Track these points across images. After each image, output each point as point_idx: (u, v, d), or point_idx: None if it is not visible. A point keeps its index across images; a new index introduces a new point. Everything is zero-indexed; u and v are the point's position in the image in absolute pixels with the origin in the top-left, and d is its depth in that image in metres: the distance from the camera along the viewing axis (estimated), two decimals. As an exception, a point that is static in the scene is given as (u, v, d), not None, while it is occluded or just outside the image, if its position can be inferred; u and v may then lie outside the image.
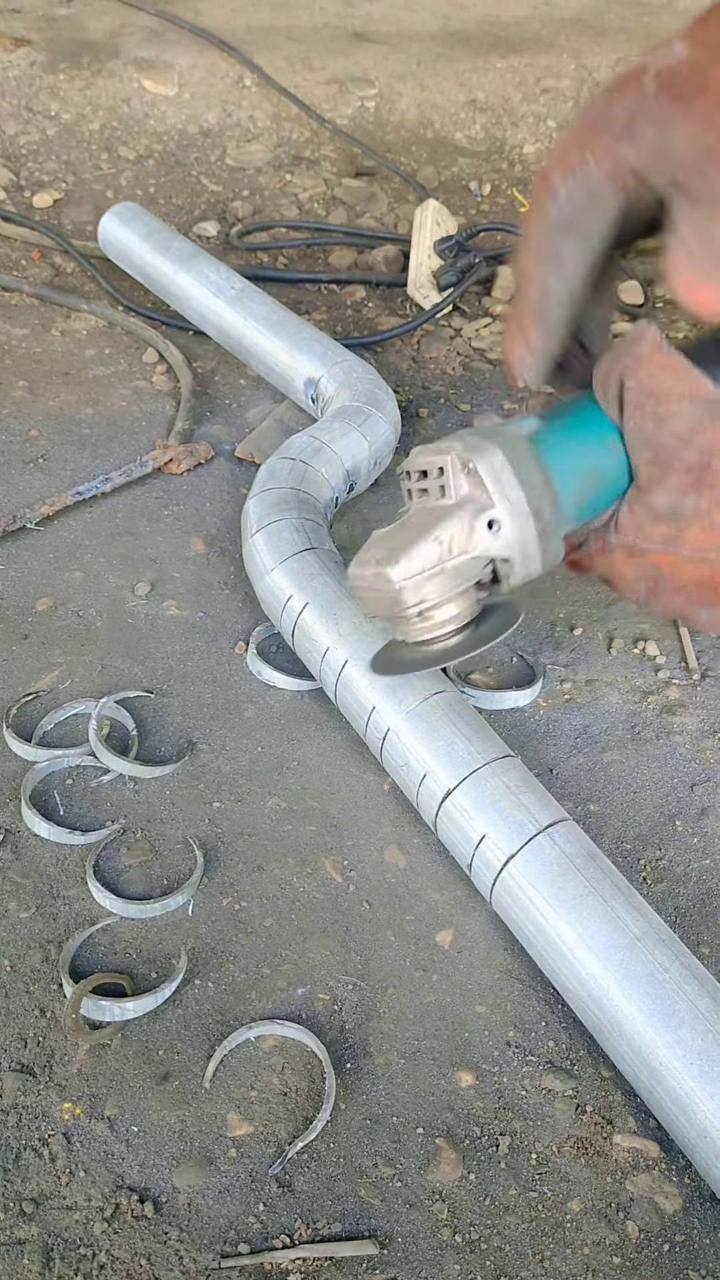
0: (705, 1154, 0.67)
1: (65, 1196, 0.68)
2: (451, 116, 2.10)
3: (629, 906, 0.76)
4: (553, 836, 0.79)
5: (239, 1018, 0.77)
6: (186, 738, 0.96)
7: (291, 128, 2.03)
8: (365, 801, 0.93)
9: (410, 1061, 0.76)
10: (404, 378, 1.48)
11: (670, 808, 0.94)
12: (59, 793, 0.90)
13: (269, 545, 1.02)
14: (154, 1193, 0.68)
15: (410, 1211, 0.69)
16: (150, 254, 1.50)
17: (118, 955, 0.80)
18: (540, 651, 1.07)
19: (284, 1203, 0.69)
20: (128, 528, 1.17)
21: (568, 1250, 0.68)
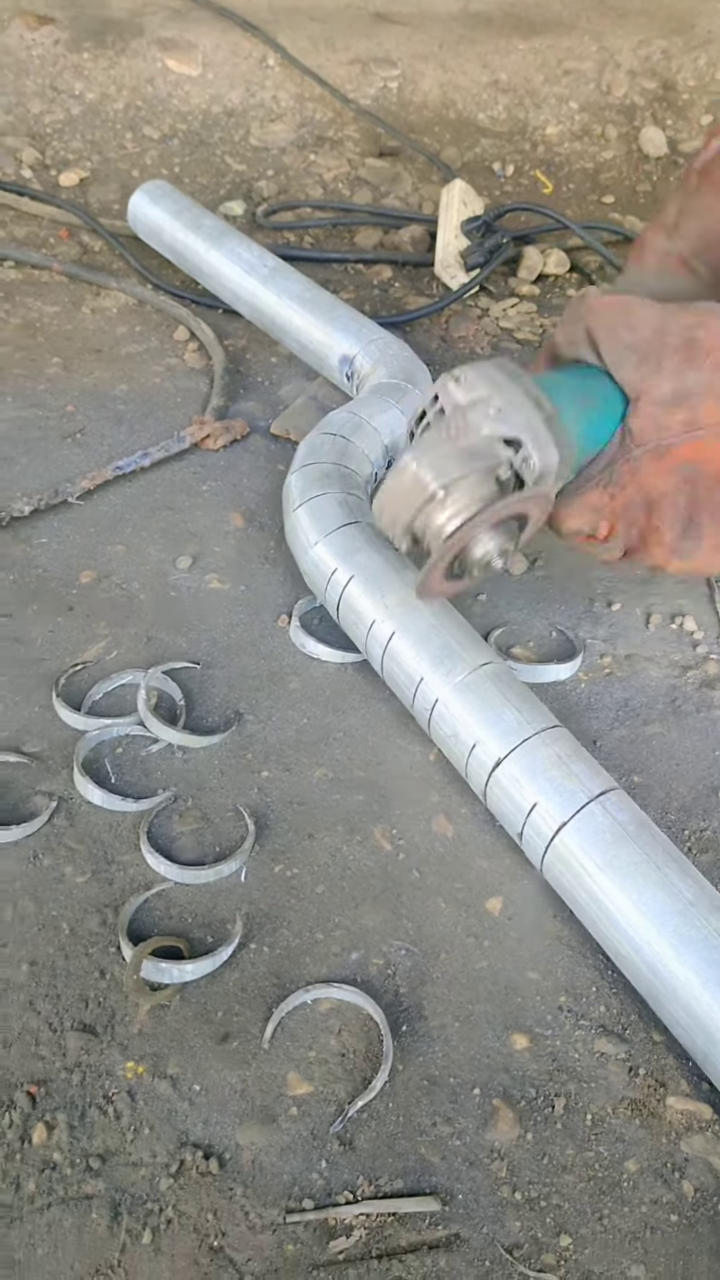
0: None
1: (131, 1153, 0.69)
2: (474, 97, 2.10)
3: (682, 873, 0.77)
4: (605, 805, 0.80)
5: (295, 981, 0.78)
6: (233, 708, 0.97)
7: (315, 108, 2.02)
8: (412, 771, 0.93)
9: (465, 1025, 0.77)
10: (433, 357, 1.49)
11: (713, 779, 0.95)
12: (110, 761, 0.91)
13: (312, 519, 1.03)
14: (218, 1149, 0.69)
15: (470, 1169, 0.70)
16: (181, 231, 1.50)
17: (173, 920, 0.81)
18: (579, 626, 1.08)
19: (346, 1160, 0.70)
20: (167, 502, 1.18)
21: (625, 1208, 0.69)
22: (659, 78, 2.16)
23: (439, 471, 0.76)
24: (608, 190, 2.00)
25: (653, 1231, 0.68)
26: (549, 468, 0.77)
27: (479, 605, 1.09)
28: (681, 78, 2.17)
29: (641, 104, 2.14)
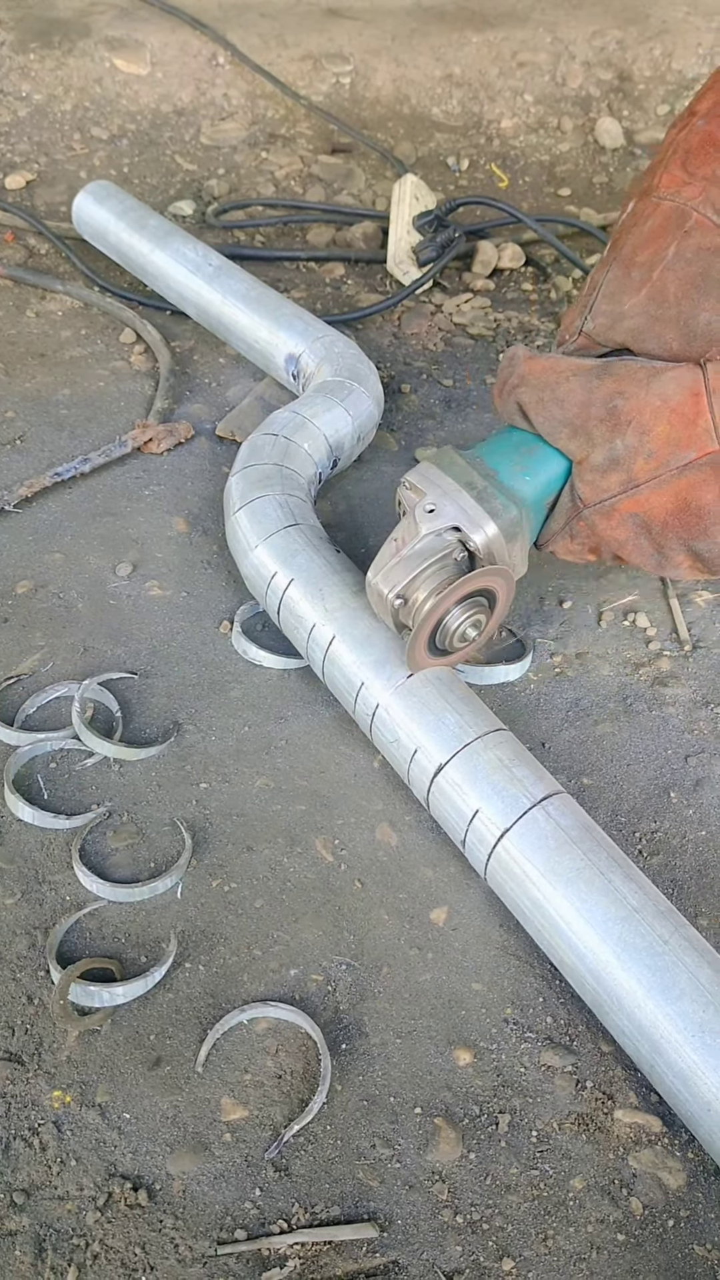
0: (709, 1127, 0.66)
1: (57, 1186, 0.66)
2: (428, 92, 2.08)
3: (626, 879, 0.75)
4: (548, 810, 0.78)
5: (231, 1000, 0.76)
6: (172, 719, 0.94)
7: (266, 105, 2.00)
8: (355, 779, 0.91)
9: (407, 1041, 0.75)
10: (386, 354, 1.46)
11: (665, 779, 0.92)
12: (43, 777, 0.88)
13: (252, 522, 1.00)
14: (147, 1180, 0.67)
15: (410, 1193, 0.67)
16: (126, 232, 1.47)
17: (106, 940, 0.79)
18: (529, 625, 1.06)
19: (281, 1187, 0.67)
20: (108, 508, 1.15)
21: (571, 1228, 0.67)
22: (614, 68, 2.15)
23: (392, 583, 0.82)
24: (564, 183, 1.98)
25: (599, 1251, 0.66)
26: (490, 541, 0.83)
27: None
28: (637, 68, 2.15)
29: (597, 95, 2.12)
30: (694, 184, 0.88)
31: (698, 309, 0.85)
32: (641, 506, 0.84)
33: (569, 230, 1.75)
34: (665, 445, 0.82)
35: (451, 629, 0.84)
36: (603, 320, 0.89)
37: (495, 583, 0.85)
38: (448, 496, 0.83)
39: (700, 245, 0.87)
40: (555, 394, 0.85)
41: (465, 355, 1.48)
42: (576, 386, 0.85)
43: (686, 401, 0.81)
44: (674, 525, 0.85)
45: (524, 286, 1.69)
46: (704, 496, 0.83)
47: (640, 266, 0.88)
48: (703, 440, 0.80)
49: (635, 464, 0.83)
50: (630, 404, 0.82)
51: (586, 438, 0.84)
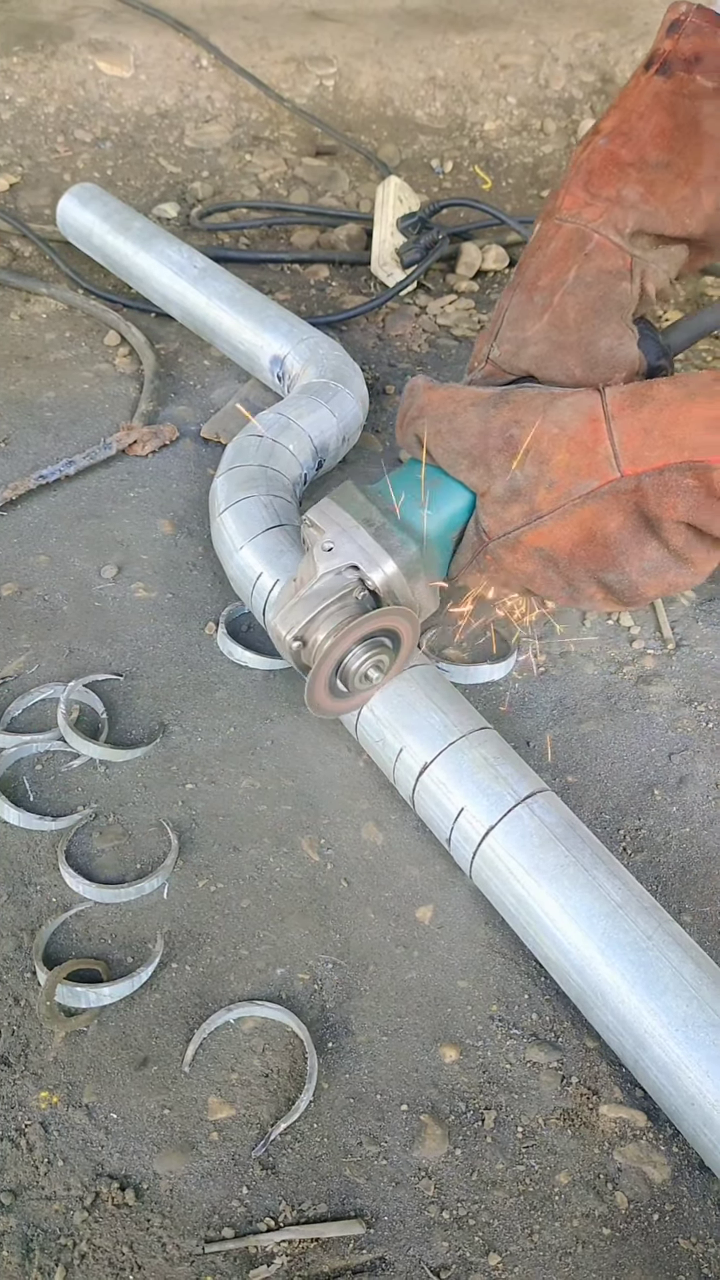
0: (693, 1121, 0.67)
1: (44, 1186, 0.66)
2: (411, 94, 2.08)
3: (610, 875, 0.75)
4: (532, 807, 0.78)
5: (218, 1000, 0.76)
6: (158, 720, 0.94)
7: (250, 108, 2.00)
8: (341, 779, 0.91)
9: (393, 1039, 0.75)
10: (370, 355, 1.47)
11: (649, 777, 0.93)
12: (28, 779, 0.88)
13: (237, 523, 1.00)
14: (135, 1179, 0.67)
15: (396, 1189, 0.68)
16: (110, 235, 1.47)
17: (92, 941, 0.79)
18: (517, 623, 1.06)
19: (268, 1185, 0.67)
20: (93, 510, 1.15)
21: (557, 1223, 0.67)
22: (597, 70, 2.16)
23: (291, 624, 0.81)
24: (547, 184, 1.99)
25: (584, 1246, 0.66)
26: (390, 579, 0.81)
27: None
28: (620, 70, 2.16)
29: (580, 97, 2.13)
30: (595, 205, 0.87)
31: (598, 335, 0.86)
32: (546, 539, 0.82)
33: (552, 232, 1.76)
34: (566, 474, 0.79)
35: (352, 670, 0.82)
36: (508, 347, 0.88)
37: (397, 623, 0.82)
38: (345, 534, 0.81)
39: (601, 268, 0.87)
40: (453, 425, 0.82)
41: (449, 356, 1.49)
42: (474, 417, 0.82)
43: (585, 428, 0.78)
44: (581, 557, 0.82)
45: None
46: (608, 525, 0.80)
47: (542, 291, 0.87)
48: (603, 468, 0.77)
49: (537, 495, 0.80)
50: (526, 432, 0.80)
51: (486, 469, 0.81)
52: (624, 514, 0.79)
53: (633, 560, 0.81)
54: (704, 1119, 0.66)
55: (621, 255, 0.88)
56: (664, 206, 0.88)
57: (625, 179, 0.88)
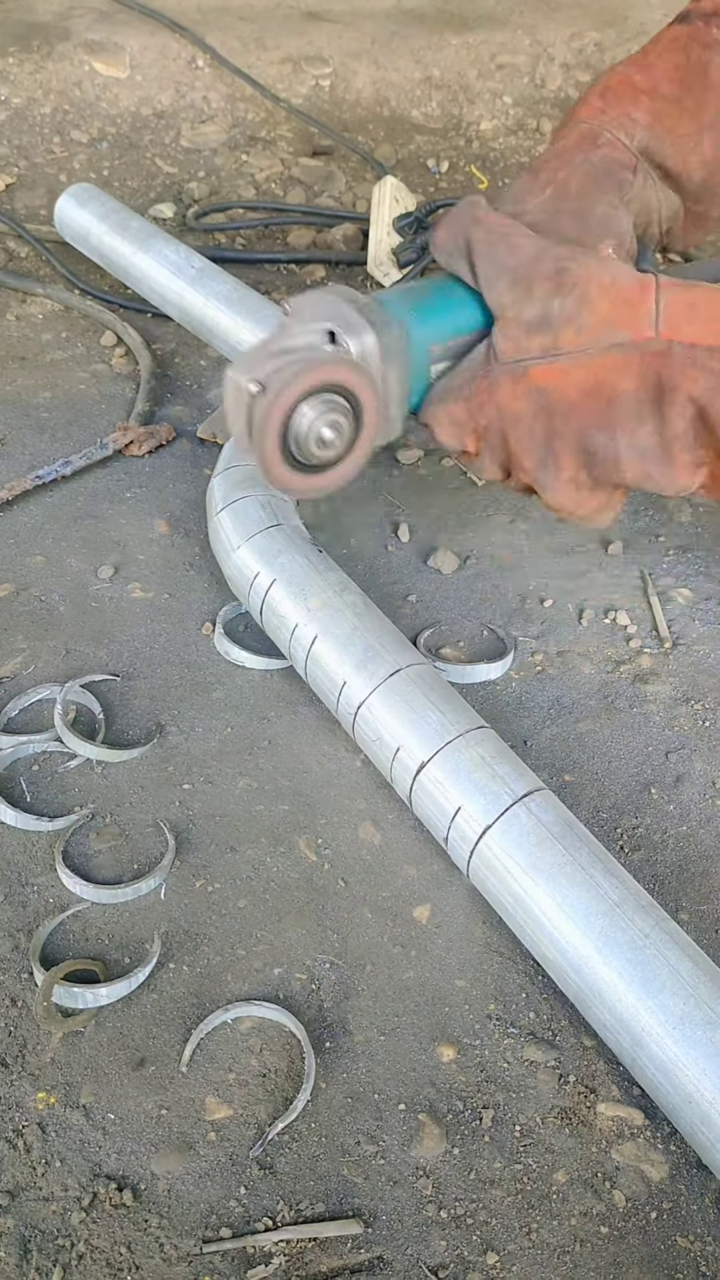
0: (690, 1119, 0.67)
1: (41, 1187, 0.66)
2: (408, 94, 2.08)
3: (607, 874, 0.75)
4: (529, 806, 0.78)
5: (215, 1000, 0.76)
6: (155, 720, 0.94)
7: (246, 108, 2.00)
8: (338, 779, 0.91)
9: (390, 1038, 0.75)
10: (367, 355, 1.47)
11: (646, 776, 0.93)
12: (25, 779, 0.88)
13: (234, 522, 1.00)
14: (132, 1180, 0.67)
15: (394, 1189, 0.68)
16: (108, 235, 1.47)
17: (90, 941, 0.79)
18: (511, 624, 1.06)
19: (266, 1185, 0.67)
20: (90, 511, 1.15)
21: (554, 1222, 0.67)
22: (593, 70, 2.16)
23: (253, 370, 0.76)
24: (544, 184, 1.99)
25: (582, 1244, 0.66)
26: (365, 348, 0.79)
27: (408, 606, 1.08)
28: (616, 70, 2.16)
29: (576, 97, 2.13)
30: (609, 114, 0.92)
31: (595, 202, 0.88)
32: (554, 379, 0.80)
33: (549, 231, 1.76)
34: (600, 324, 0.78)
35: (303, 430, 0.78)
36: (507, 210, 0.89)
37: (355, 380, 0.79)
38: (326, 304, 0.79)
39: (608, 156, 0.91)
40: (509, 241, 0.81)
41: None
42: (530, 241, 0.81)
43: (634, 288, 0.78)
44: (580, 409, 0.80)
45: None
46: (622, 383, 0.79)
47: (548, 171, 0.90)
48: (641, 324, 0.78)
49: (565, 332, 0.79)
50: (582, 272, 0.79)
51: (526, 290, 0.79)
52: (641, 378, 0.79)
53: (627, 430, 0.81)
54: (701, 1117, 0.66)
55: (629, 155, 0.92)
56: (669, 137, 0.93)
57: (637, 102, 0.93)
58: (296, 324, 0.78)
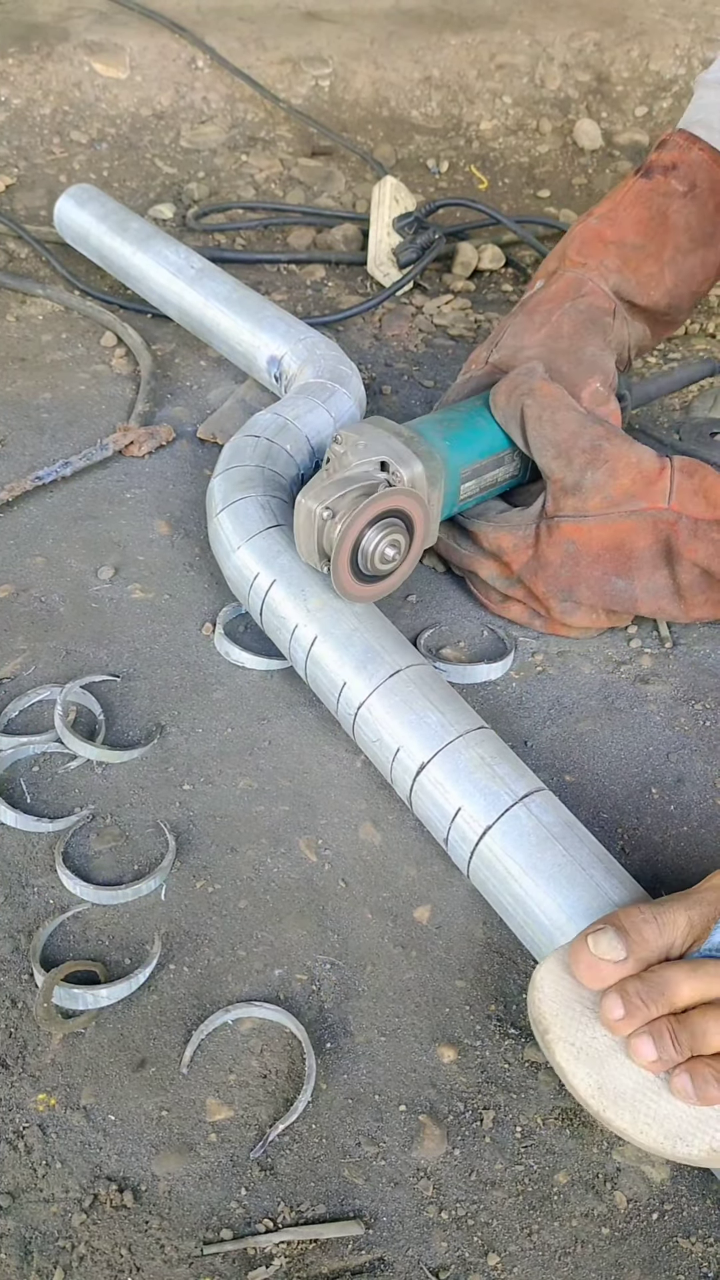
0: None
1: (42, 1189, 0.66)
2: (407, 94, 2.08)
3: (608, 874, 0.75)
4: (529, 807, 0.78)
5: (215, 1001, 0.76)
6: (155, 721, 0.94)
7: (246, 108, 2.00)
8: (338, 779, 0.91)
9: (391, 1039, 0.75)
10: (366, 356, 1.47)
11: (646, 776, 0.93)
12: (25, 780, 0.88)
13: (234, 523, 1.00)
14: (133, 1181, 0.67)
15: (395, 1190, 0.68)
16: (108, 235, 1.47)
17: (90, 943, 0.79)
18: (511, 624, 1.06)
19: (266, 1186, 0.67)
20: (90, 511, 1.15)
21: (556, 1223, 0.67)
22: (592, 70, 2.16)
23: (322, 499, 0.88)
24: (543, 184, 1.99)
25: (583, 1245, 0.66)
26: (415, 476, 0.92)
27: (409, 607, 1.07)
28: (615, 70, 2.16)
29: (575, 97, 2.13)
30: (588, 264, 1.09)
31: (585, 344, 1.04)
32: (581, 535, 0.97)
33: (548, 231, 1.76)
34: (623, 494, 0.95)
35: (370, 550, 0.89)
36: (506, 353, 1.06)
37: (410, 506, 0.91)
38: (378, 439, 0.92)
39: (591, 304, 1.07)
40: (554, 417, 0.97)
41: (446, 356, 1.49)
42: (573, 418, 0.97)
43: (654, 469, 0.95)
44: (604, 559, 0.97)
45: (504, 287, 1.69)
46: (638, 542, 0.96)
47: (542, 313, 1.07)
48: (656, 497, 0.95)
49: (593, 499, 0.95)
50: (613, 450, 0.95)
51: (567, 461, 0.95)
52: (653, 538, 0.96)
53: (643, 578, 0.98)
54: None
55: (608, 300, 1.09)
56: (635, 278, 1.10)
57: (607, 252, 1.10)
58: (352, 455, 0.90)
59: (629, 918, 0.68)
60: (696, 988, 0.65)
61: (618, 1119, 0.63)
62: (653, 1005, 0.64)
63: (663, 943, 0.67)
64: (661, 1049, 0.63)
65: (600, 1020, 0.66)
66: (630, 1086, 0.64)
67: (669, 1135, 0.62)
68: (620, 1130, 0.63)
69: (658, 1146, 0.63)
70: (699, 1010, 0.65)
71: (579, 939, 0.67)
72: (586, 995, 0.67)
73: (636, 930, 0.67)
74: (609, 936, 0.66)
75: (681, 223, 1.11)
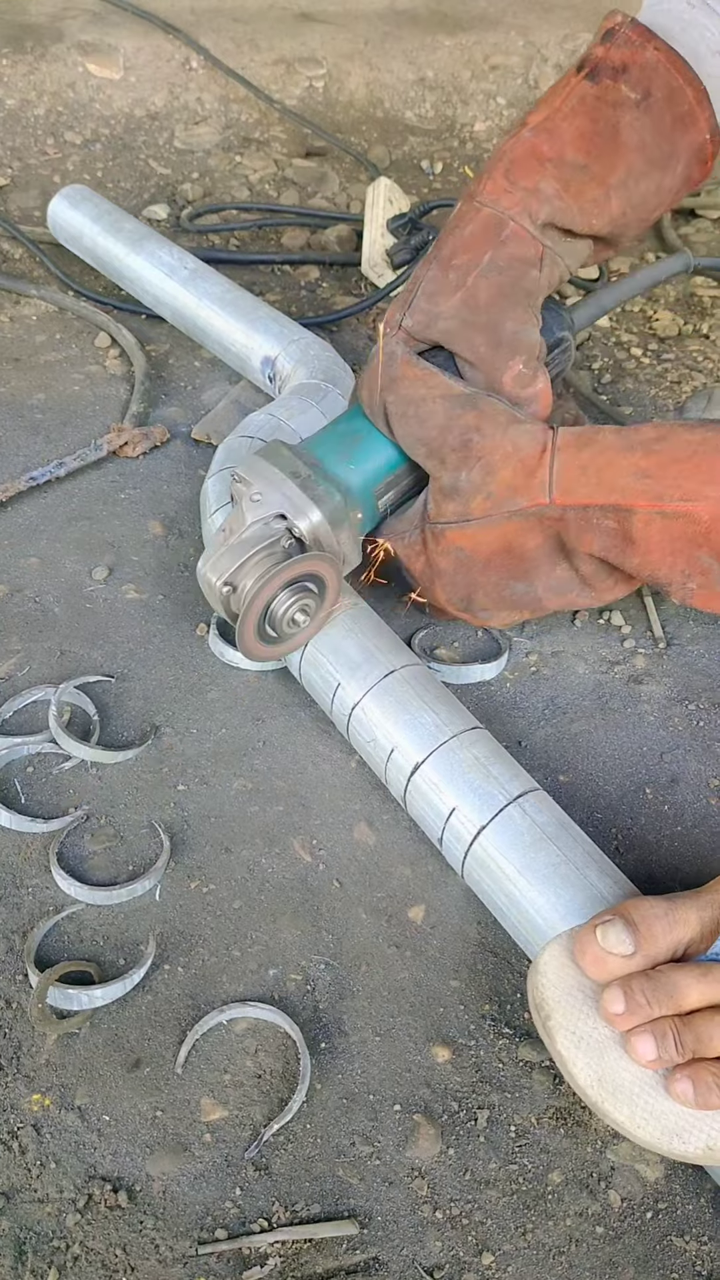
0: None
1: (36, 1189, 0.66)
2: (401, 95, 2.08)
3: (602, 874, 0.75)
4: (523, 806, 0.79)
5: (210, 1001, 0.76)
6: (149, 722, 0.94)
7: (240, 109, 2.00)
8: (333, 779, 0.91)
9: (385, 1039, 0.75)
10: (361, 356, 1.47)
11: (640, 776, 0.93)
12: (19, 781, 0.88)
13: (228, 524, 1.00)
14: (127, 1181, 0.67)
15: (389, 1189, 0.68)
16: (101, 236, 1.47)
17: (84, 943, 0.79)
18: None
19: (261, 1186, 0.67)
20: (84, 512, 1.15)
21: (550, 1222, 0.67)
22: (586, 72, 2.16)
23: (220, 570, 0.84)
24: (537, 185, 1.99)
25: (578, 1245, 0.66)
26: (315, 526, 0.85)
27: (402, 607, 1.07)
28: (609, 71, 2.16)
29: (569, 98, 2.13)
30: (514, 193, 0.89)
31: (505, 318, 0.88)
32: (468, 541, 0.88)
33: (542, 232, 1.76)
34: (504, 490, 0.85)
35: (279, 614, 0.86)
36: (420, 318, 0.90)
37: (321, 568, 0.86)
38: (273, 485, 0.85)
39: (513, 255, 0.89)
40: (419, 411, 0.87)
41: (440, 357, 1.49)
42: (440, 409, 0.86)
43: (533, 454, 0.84)
44: (495, 564, 0.89)
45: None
46: (527, 543, 0.87)
47: (457, 269, 0.89)
48: (536, 492, 0.84)
49: (474, 501, 0.86)
50: (485, 443, 0.85)
51: (440, 461, 0.87)
52: (543, 536, 0.87)
53: (542, 577, 0.90)
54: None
55: (534, 244, 0.90)
56: (576, 204, 0.91)
57: (544, 173, 0.89)
58: (246, 510, 0.85)
59: (639, 911, 0.67)
60: (705, 993, 0.65)
61: (615, 1111, 0.63)
62: (657, 1006, 0.64)
63: (671, 940, 0.67)
64: (663, 1049, 0.63)
65: (600, 1011, 0.66)
66: (629, 1080, 0.64)
67: (666, 1131, 0.63)
68: (617, 1123, 0.63)
69: (654, 1142, 0.63)
70: (705, 1014, 0.65)
71: (587, 928, 0.67)
72: (589, 984, 0.67)
73: (646, 925, 0.66)
74: (617, 930, 0.66)
75: (635, 140, 0.91)
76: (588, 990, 0.67)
